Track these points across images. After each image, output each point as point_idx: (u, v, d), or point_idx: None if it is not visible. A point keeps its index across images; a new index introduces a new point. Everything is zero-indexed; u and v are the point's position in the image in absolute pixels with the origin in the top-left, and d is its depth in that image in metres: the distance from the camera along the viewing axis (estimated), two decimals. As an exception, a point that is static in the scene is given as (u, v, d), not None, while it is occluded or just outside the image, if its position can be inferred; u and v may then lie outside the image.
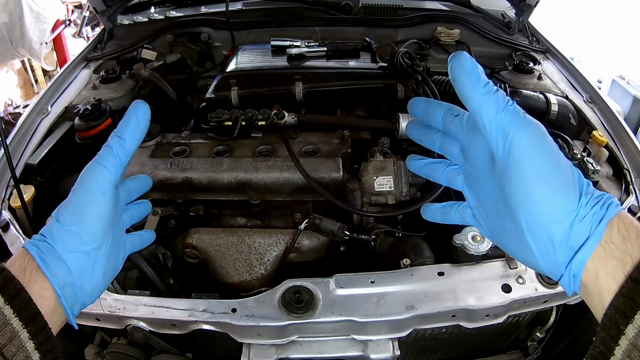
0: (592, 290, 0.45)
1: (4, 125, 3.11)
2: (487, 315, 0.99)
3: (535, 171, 0.45)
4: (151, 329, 1.01)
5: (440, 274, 1.02)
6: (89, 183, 0.54)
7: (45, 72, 4.66)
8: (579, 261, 0.45)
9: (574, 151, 1.32)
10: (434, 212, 0.62)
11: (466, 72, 0.48)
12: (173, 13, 2.12)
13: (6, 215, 1.20)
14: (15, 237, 1.14)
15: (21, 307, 0.47)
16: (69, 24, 4.49)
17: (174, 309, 0.98)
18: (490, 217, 0.54)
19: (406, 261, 1.07)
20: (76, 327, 0.56)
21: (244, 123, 1.33)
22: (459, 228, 1.06)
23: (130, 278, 1.15)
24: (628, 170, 1.30)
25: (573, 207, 0.45)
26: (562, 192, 0.45)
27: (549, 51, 1.89)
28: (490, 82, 0.48)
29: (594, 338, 0.44)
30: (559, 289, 1.00)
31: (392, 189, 1.24)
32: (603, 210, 0.45)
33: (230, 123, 1.33)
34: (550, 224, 0.45)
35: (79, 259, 0.53)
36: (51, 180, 1.37)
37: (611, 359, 0.42)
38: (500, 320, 1.01)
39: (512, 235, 0.50)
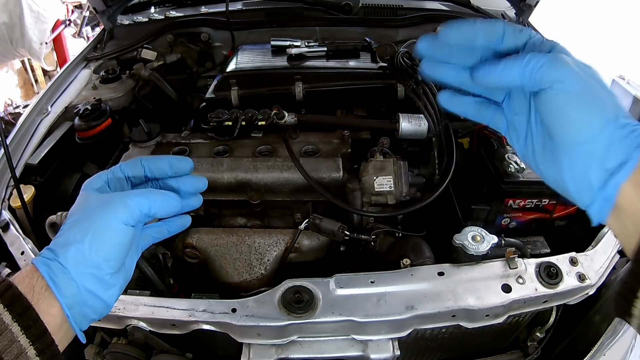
0: (627, 214, 0.44)
1: (4, 125, 3.11)
2: (487, 315, 0.99)
3: (569, 93, 0.45)
4: (151, 329, 1.01)
5: (440, 274, 1.02)
6: (113, 218, 0.55)
7: (45, 72, 4.66)
8: (614, 184, 0.43)
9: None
10: (466, 104, 0.56)
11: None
12: (173, 13, 2.12)
13: (6, 215, 1.20)
14: (15, 237, 1.14)
15: (29, 325, 0.47)
16: (69, 24, 4.49)
17: (174, 309, 0.98)
18: (526, 135, 0.52)
19: (406, 261, 1.06)
20: (84, 342, 0.56)
21: (244, 123, 1.33)
22: (459, 228, 1.06)
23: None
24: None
25: (610, 127, 0.43)
26: (597, 111, 0.44)
27: (549, 51, 1.89)
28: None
29: (624, 270, 0.43)
30: (559, 288, 1.00)
31: (392, 189, 1.24)
32: None
33: (230, 123, 1.33)
34: (587, 141, 0.44)
35: (91, 281, 0.53)
36: (51, 180, 1.37)
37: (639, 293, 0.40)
38: (500, 320, 1.01)
39: (546, 154, 0.49)
